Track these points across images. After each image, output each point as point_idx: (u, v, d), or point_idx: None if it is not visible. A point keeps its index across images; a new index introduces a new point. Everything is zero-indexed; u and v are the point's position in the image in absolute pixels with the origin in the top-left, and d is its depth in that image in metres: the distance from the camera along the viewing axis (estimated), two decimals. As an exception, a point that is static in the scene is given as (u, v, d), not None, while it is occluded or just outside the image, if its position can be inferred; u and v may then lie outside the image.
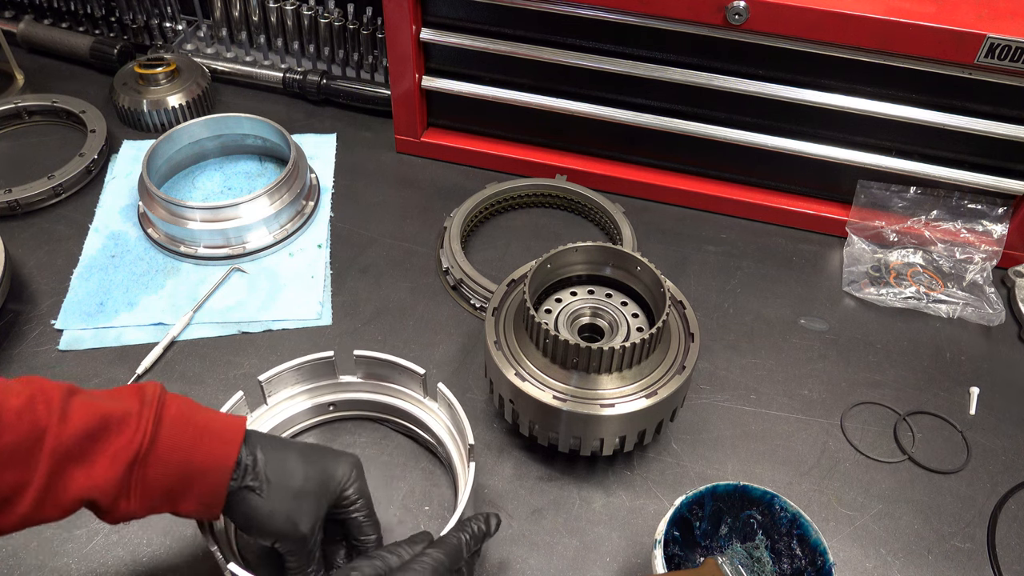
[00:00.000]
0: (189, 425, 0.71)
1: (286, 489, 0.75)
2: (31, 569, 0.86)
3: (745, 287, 1.21)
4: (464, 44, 1.25)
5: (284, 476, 0.75)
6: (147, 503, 0.69)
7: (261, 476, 0.74)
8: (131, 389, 0.71)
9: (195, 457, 0.70)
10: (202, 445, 0.71)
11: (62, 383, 0.69)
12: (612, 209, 1.25)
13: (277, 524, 0.74)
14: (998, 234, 1.22)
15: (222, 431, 0.73)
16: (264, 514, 0.74)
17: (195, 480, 0.70)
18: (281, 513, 0.74)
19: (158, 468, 0.69)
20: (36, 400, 0.66)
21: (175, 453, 0.69)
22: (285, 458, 0.76)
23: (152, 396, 0.71)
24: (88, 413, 0.67)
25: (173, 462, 0.69)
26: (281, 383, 0.95)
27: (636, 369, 0.88)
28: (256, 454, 0.74)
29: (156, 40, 1.61)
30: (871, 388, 1.08)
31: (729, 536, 0.84)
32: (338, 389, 0.98)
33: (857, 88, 1.14)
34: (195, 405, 0.74)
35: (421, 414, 0.96)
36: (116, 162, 1.37)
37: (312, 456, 0.78)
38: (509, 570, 0.88)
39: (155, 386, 0.72)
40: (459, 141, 1.39)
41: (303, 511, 0.75)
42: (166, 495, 0.70)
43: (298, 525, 0.75)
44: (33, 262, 1.19)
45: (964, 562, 0.91)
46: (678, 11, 1.09)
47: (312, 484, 0.76)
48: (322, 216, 1.29)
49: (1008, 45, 1.00)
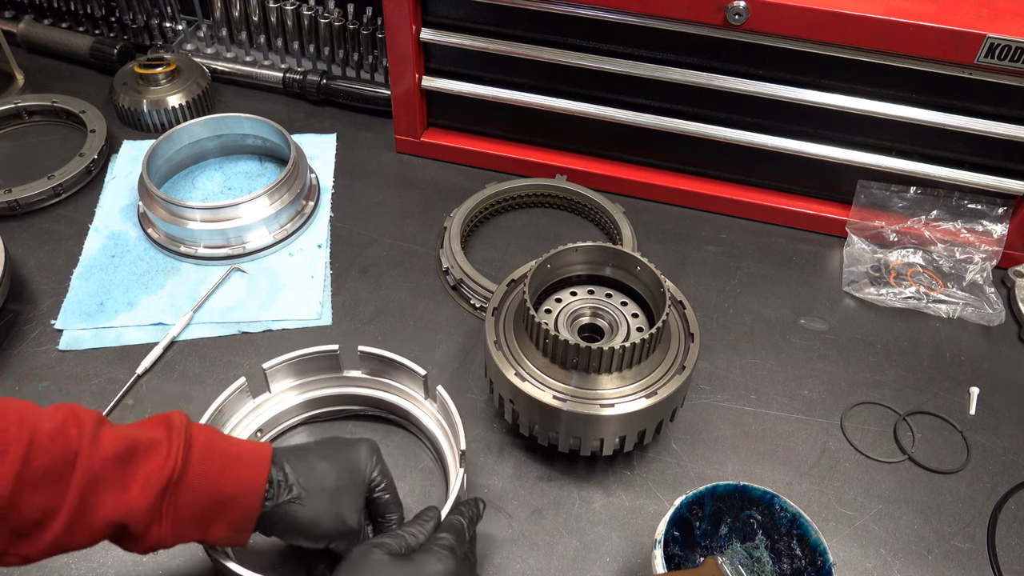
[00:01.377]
0: (217, 452, 0.72)
1: (323, 492, 0.76)
2: (31, 569, 0.86)
3: (745, 287, 1.21)
4: (464, 44, 1.25)
5: (317, 481, 0.76)
6: (178, 529, 0.70)
7: (296, 487, 0.75)
8: (157, 419, 0.72)
9: (225, 483, 0.71)
10: (232, 471, 0.72)
11: (94, 411, 0.70)
12: (612, 209, 1.25)
13: (326, 526, 0.76)
14: (998, 234, 1.22)
15: (250, 457, 0.74)
16: (310, 521, 0.75)
17: (226, 506, 0.71)
18: (327, 515, 0.75)
19: (189, 494, 0.69)
20: (68, 424, 0.66)
21: (206, 480, 0.70)
22: (311, 463, 0.77)
23: (180, 424, 0.72)
24: (119, 438, 0.68)
25: (204, 488, 0.70)
26: (283, 374, 0.95)
27: (636, 369, 0.88)
28: (285, 469, 0.75)
29: (156, 40, 1.61)
30: (871, 388, 1.08)
31: (729, 536, 0.84)
32: (340, 383, 0.98)
33: (857, 88, 1.14)
34: (221, 434, 0.75)
35: (419, 414, 0.97)
36: (116, 162, 1.37)
37: (334, 452, 0.80)
38: (509, 570, 0.88)
39: (181, 415, 0.73)
40: (459, 141, 1.39)
41: (346, 506, 0.77)
42: (197, 521, 0.71)
43: (347, 521, 0.76)
44: (33, 262, 1.19)
45: (964, 562, 0.91)
46: (678, 11, 1.09)
47: (345, 479, 0.78)
48: (322, 216, 1.29)
49: (1008, 45, 1.00)
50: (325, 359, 0.95)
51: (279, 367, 0.93)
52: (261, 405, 0.95)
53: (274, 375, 0.94)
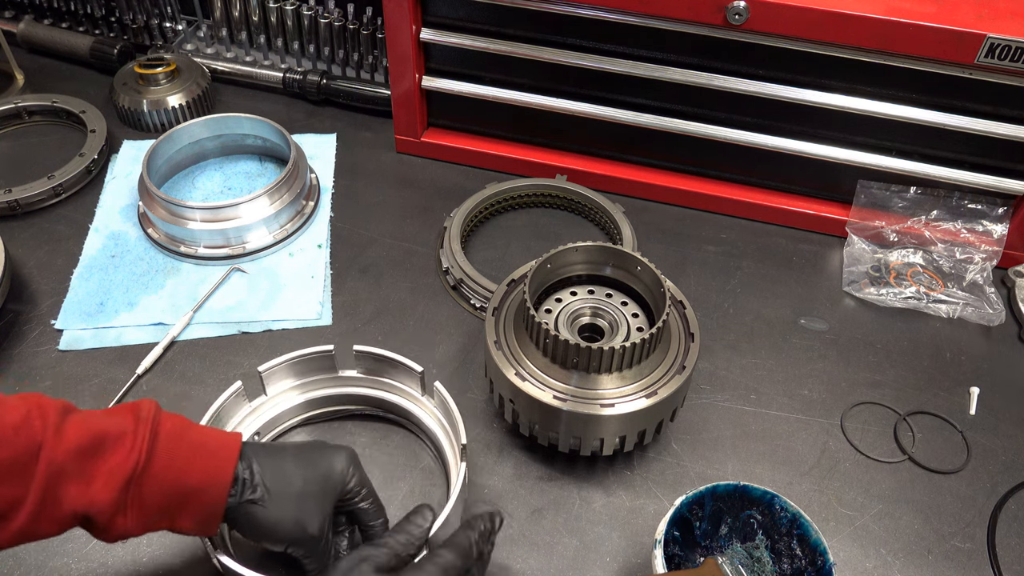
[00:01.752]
0: (184, 443, 0.71)
1: (288, 496, 0.75)
2: (31, 569, 0.86)
3: (745, 287, 1.21)
4: (464, 44, 1.25)
5: (284, 483, 0.75)
6: (143, 521, 0.69)
7: (260, 487, 0.73)
8: (126, 408, 0.71)
9: (191, 475, 0.70)
10: (197, 463, 0.71)
11: (59, 400, 0.69)
12: (612, 209, 1.25)
13: (285, 530, 0.74)
14: (998, 234, 1.22)
15: (217, 449, 0.73)
16: (270, 524, 0.74)
17: (191, 498, 0.70)
18: (288, 520, 0.74)
19: (154, 486, 0.69)
20: (32, 416, 0.66)
21: (171, 471, 0.69)
22: (282, 465, 0.76)
23: (147, 414, 0.71)
24: (83, 430, 0.67)
25: (169, 480, 0.69)
26: (280, 376, 0.95)
27: (636, 369, 0.88)
28: (252, 467, 0.74)
29: (156, 40, 1.61)
30: (871, 388, 1.08)
31: (729, 536, 0.84)
32: (337, 383, 0.98)
33: (857, 88, 1.14)
34: (189, 423, 0.74)
35: (418, 411, 0.97)
36: (116, 162, 1.37)
37: (309, 457, 0.78)
38: (509, 570, 0.88)
39: (150, 404, 0.72)
40: (459, 141, 1.39)
41: (309, 513, 0.75)
42: (162, 513, 0.70)
43: (306, 528, 0.75)
44: (33, 262, 1.19)
45: (964, 562, 0.91)
46: (678, 11, 1.09)
47: (313, 485, 0.76)
48: (322, 216, 1.29)
49: (1008, 45, 1.00)
50: (322, 359, 0.95)
51: (275, 369, 0.93)
52: (258, 408, 0.95)
53: (270, 377, 0.94)
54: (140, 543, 0.88)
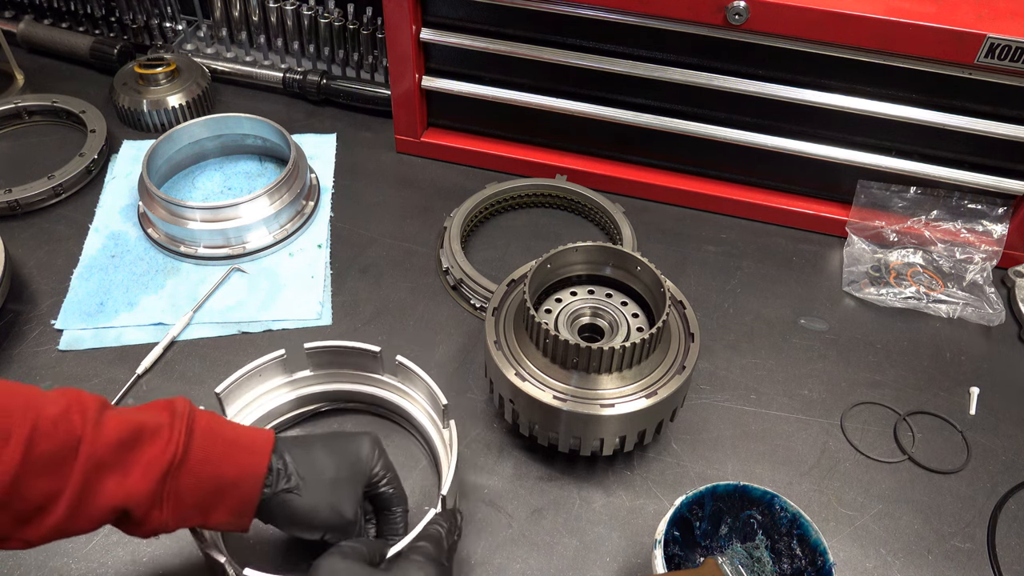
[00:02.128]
0: (219, 438, 0.73)
1: (321, 483, 0.76)
2: (31, 569, 0.86)
3: (745, 287, 1.21)
4: (464, 44, 1.25)
5: (316, 471, 0.76)
6: (179, 514, 0.70)
7: (295, 476, 0.75)
8: (161, 404, 0.73)
9: (226, 468, 0.72)
10: (233, 456, 0.72)
11: (97, 396, 0.70)
12: (612, 209, 1.25)
13: (323, 517, 0.76)
14: (998, 234, 1.22)
15: (251, 443, 0.74)
16: (307, 511, 0.75)
17: (227, 491, 0.72)
18: (324, 506, 0.76)
19: (190, 479, 0.70)
20: (72, 410, 0.67)
21: (207, 465, 0.71)
22: (312, 454, 0.78)
23: (183, 409, 0.72)
24: (122, 423, 0.68)
25: (205, 473, 0.71)
26: (321, 360, 0.95)
27: (636, 369, 0.88)
28: (285, 457, 0.76)
29: (156, 40, 1.61)
30: (871, 388, 1.08)
31: (729, 536, 0.84)
32: (369, 383, 0.98)
33: (857, 88, 1.14)
34: (223, 420, 0.76)
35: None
36: (116, 162, 1.37)
37: (336, 444, 0.80)
38: (509, 570, 0.88)
39: (184, 401, 0.73)
40: (459, 141, 1.39)
41: (343, 498, 0.77)
42: (198, 506, 0.71)
43: (343, 513, 0.77)
44: (33, 262, 1.19)
45: (964, 562, 0.91)
46: (678, 11, 1.09)
47: (345, 471, 0.78)
48: (322, 216, 1.29)
49: (1008, 45, 1.00)
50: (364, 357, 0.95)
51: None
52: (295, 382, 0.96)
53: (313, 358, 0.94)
54: (140, 543, 0.88)
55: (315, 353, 0.94)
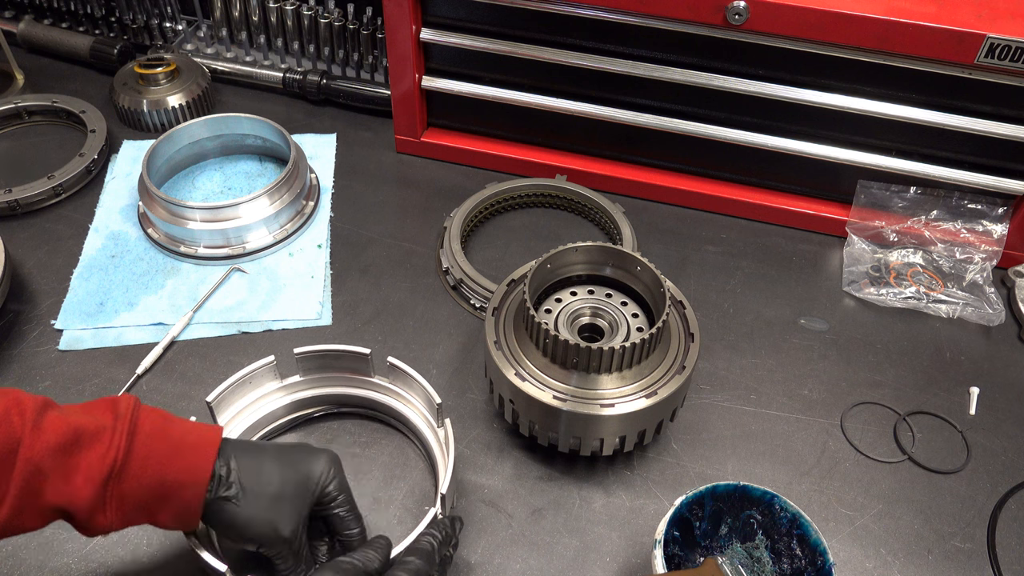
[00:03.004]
0: (163, 439, 0.71)
1: (263, 495, 0.74)
2: (31, 569, 0.86)
3: (745, 287, 1.21)
4: (464, 44, 1.25)
5: (260, 483, 0.75)
6: (123, 516, 0.70)
7: (235, 485, 0.73)
8: (105, 403, 0.72)
9: (169, 472, 0.70)
10: (176, 459, 0.71)
11: (39, 396, 0.69)
12: (612, 209, 1.25)
13: (257, 530, 0.74)
14: (998, 234, 1.22)
15: (196, 444, 0.73)
16: (242, 522, 0.74)
17: (171, 494, 0.71)
18: (260, 519, 0.74)
19: (133, 483, 0.69)
20: (11, 412, 0.66)
21: (149, 468, 0.69)
22: (260, 464, 0.76)
23: (126, 410, 0.71)
24: (61, 426, 0.67)
25: (148, 476, 0.69)
26: (311, 365, 0.95)
27: (636, 369, 0.88)
28: (230, 464, 0.74)
29: (156, 40, 1.61)
30: (871, 388, 1.08)
31: (729, 536, 0.84)
32: (363, 386, 0.98)
33: (857, 88, 1.14)
34: (170, 417, 0.74)
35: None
36: (116, 162, 1.37)
37: (289, 458, 0.78)
38: (509, 570, 0.88)
39: (129, 399, 0.72)
40: (459, 141, 1.39)
41: (283, 515, 0.75)
42: (142, 509, 0.70)
43: (278, 529, 0.75)
44: (33, 262, 1.19)
45: (964, 562, 0.91)
46: (678, 11, 1.09)
47: (290, 487, 0.76)
48: (322, 216, 1.29)
49: (1008, 45, 1.00)
50: (355, 360, 0.95)
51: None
52: (287, 387, 0.96)
53: (303, 363, 0.94)
54: (140, 543, 0.88)
55: (305, 358, 0.94)
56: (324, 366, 0.96)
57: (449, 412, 1.01)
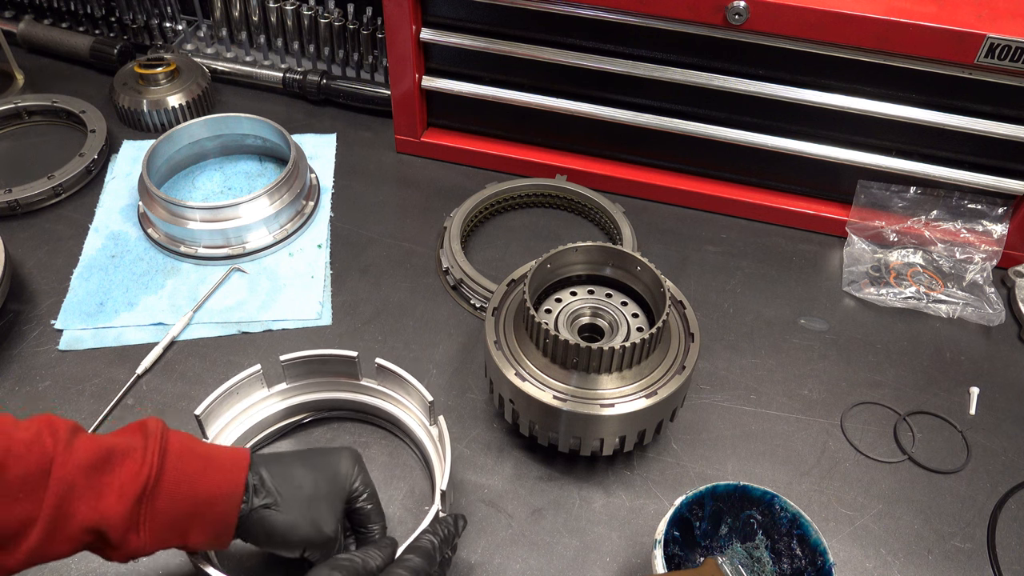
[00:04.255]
0: (194, 457, 0.72)
1: (300, 499, 0.75)
2: (30, 570, 0.86)
3: (745, 287, 1.21)
4: (464, 44, 1.25)
5: (294, 487, 0.76)
6: (157, 536, 0.70)
7: (272, 492, 0.74)
8: (133, 426, 0.72)
9: (202, 487, 0.71)
10: (208, 475, 0.71)
11: (69, 420, 0.70)
12: (612, 209, 1.25)
13: (302, 533, 0.75)
14: (998, 234, 1.22)
15: (226, 461, 0.73)
16: (286, 528, 0.74)
17: (204, 511, 0.71)
18: (303, 522, 0.75)
19: (166, 500, 0.69)
20: (43, 433, 0.67)
21: (182, 485, 0.70)
22: (290, 470, 0.77)
23: (155, 430, 0.71)
24: (94, 445, 0.68)
25: (181, 494, 0.70)
26: (299, 371, 0.94)
27: (636, 369, 0.88)
28: (261, 473, 0.75)
29: (156, 40, 1.61)
30: (871, 388, 1.08)
31: (729, 536, 0.84)
32: (352, 390, 0.97)
33: (857, 88, 1.14)
34: (196, 439, 0.75)
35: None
36: (116, 162, 1.37)
37: (314, 460, 0.79)
38: (509, 570, 0.88)
39: (156, 421, 0.73)
40: (459, 141, 1.39)
41: (323, 514, 0.76)
42: (175, 527, 0.70)
43: (323, 529, 0.75)
44: (33, 262, 1.19)
45: (964, 562, 0.91)
46: (678, 11, 1.09)
47: (323, 487, 0.77)
48: (322, 216, 1.29)
49: (1008, 45, 1.00)
50: (343, 363, 0.94)
51: (295, 363, 0.92)
52: (273, 396, 0.95)
53: (290, 370, 0.93)
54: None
55: (292, 364, 0.93)
56: (312, 371, 0.95)
57: (449, 412, 1.01)
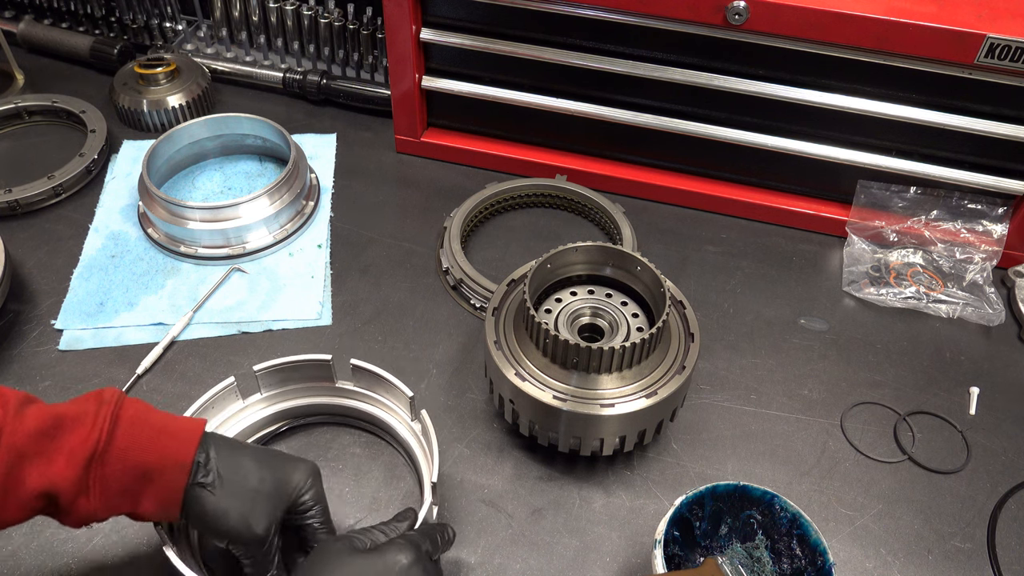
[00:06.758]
0: (146, 425, 0.72)
1: (240, 488, 0.74)
2: (31, 569, 0.86)
3: (745, 287, 1.21)
4: (464, 44, 1.25)
5: (238, 475, 0.75)
6: (106, 502, 0.70)
7: (213, 473, 0.74)
8: (89, 395, 0.73)
9: (152, 455, 0.71)
10: (159, 444, 0.72)
11: (20, 392, 0.70)
12: (612, 209, 1.25)
13: (230, 523, 0.74)
14: (998, 234, 1.22)
15: (179, 431, 0.74)
16: (217, 512, 0.73)
17: (153, 478, 0.71)
18: (235, 512, 0.74)
19: (116, 466, 0.70)
20: None
21: (132, 451, 0.70)
22: (239, 459, 0.76)
23: (110, 397, 0.72)
24: (43, 413, 0.69)
25: (131, 460, 0.70)
26: (274, 379, 0.94)
27: (636, 369, 0.88)
28: (209, 452, 0.74)
29: (156, 40, 1.61)
30: (871, 388, 1.08)
31: (729, 536, 0.84)
32: (330, 393, 0.97)
33: (857, 88, 1.14)
34: (153, 409, 0.75)
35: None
36: (116, 162, 1.37)
37: (268, 459, 0.78)
38: (509, 570, 0.88)
39: (113, 391, 0.73)
40: (459, 141, 1.39)
41: (257, 511, 0.75)
42: (125, 494, 0.71)
43: (252, 526, 0.74)
44: (33, 262, 1.19)
45: (964, 562, 0.91)
46: (678, 11, 1.09)
47: (267, 486, 0.76)
48: (322, 216, 1.29)
49: (1008, 45, 1.00)
50: (318, 367, 0.94)
51: (271, 370, 0.92)
52: (250, 407, 0.94)
53: (264, 379, 0.93)
54: (140, 543, 0.88)
55: (266, 373, 0.92)
56: (286, 379, 0.95)
57: (449, 412, 1.01)
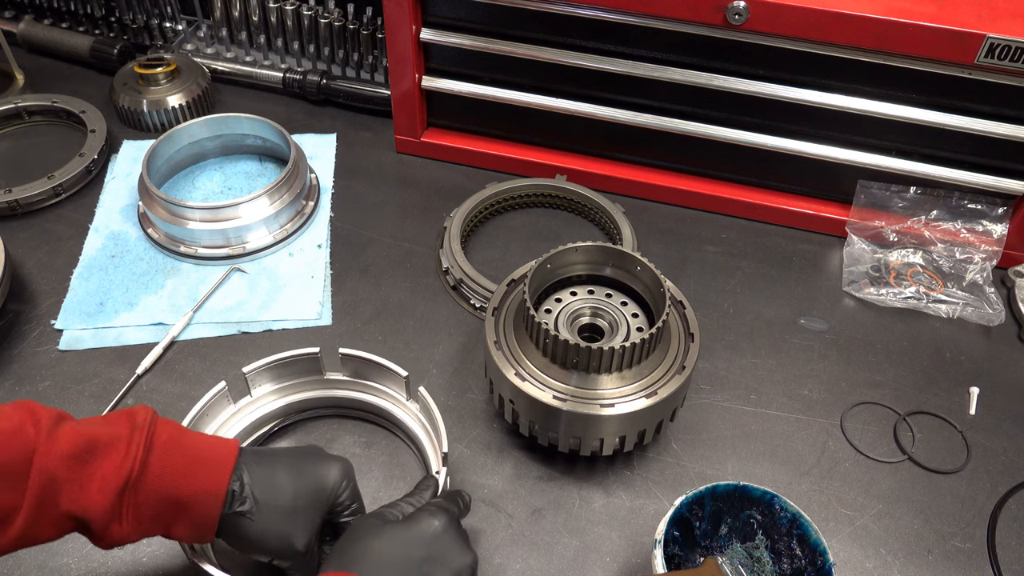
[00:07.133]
0: (180, 451, 0.71)
1: (276, 509, 0.74)
2: (31, 569, 0.86)
3: (745, 287, 1.21)
4: (464, 44, 1.25)
5: (274, 495, 0.74)
6: (139, 527, 0.69)
7: (249, 500, 0.73)
8: (122, 414, 0.71)
9: (186, 484, 0.70)
10: (193, 472, 0.71)
11: (53, 409, 0.69)
12: (612, 209, 1.25)
13: (272, 545, 0.74)
14: (998, 234, 1.22)
15: (213, 457, 0.72)
16: (257, 537, 0.73)
17: (187, 507, 0.70)
18: (274, 533, 0.73)
19: (149, 494, 0.69)
20: (26, 422, 0.66)
21: (166, 479, 0.69)
22: (274, 475, 0.75)
23: (143, 421, 0.70)
24: (76, 436, 0.67)
25: (164, 489, 0.69)
26: (266, 378, 0.94)
27: (636, 369, 0.88)
28: (243, 478, 0.73)
29: (156, 40, 1.61)
30: (871, 388, 1.08)
31: (729, 536, 0.84)
32: (323, 386, 0.97)
33: (857, 88, 1.14)
34: (185, 431, 0.74)
35: (403, 416, 0.96)
36: (116, 162, 1.37)
37: (302, 467, 0.77)
38: (509, 570, 0.88)
39: (146, 411, 0.72)
40: (459, 141, 1.39)
41: (296, 528, 0.74)
42: (158, 520, 0.70)
43: (293, 543, 0.74)
44: (33, 262, 1.19)
45: (964, 562, 0.91)
46: (678, 11, 1.09)
47: (303, 500, 0.75)
48: (322, 216, 1.29)
49: (1008, 45, 1.00)
50: (307, 362, 0.94)
51: (259, 370, 0.92)
52: (242, 409, 0.94)
53: (255, 379, 0.93)
54: (140, 543, 0.88)
55: (256, 374, 0.92)
56: (278, 376, 0.95)
57: (449, 412, 1.01)
